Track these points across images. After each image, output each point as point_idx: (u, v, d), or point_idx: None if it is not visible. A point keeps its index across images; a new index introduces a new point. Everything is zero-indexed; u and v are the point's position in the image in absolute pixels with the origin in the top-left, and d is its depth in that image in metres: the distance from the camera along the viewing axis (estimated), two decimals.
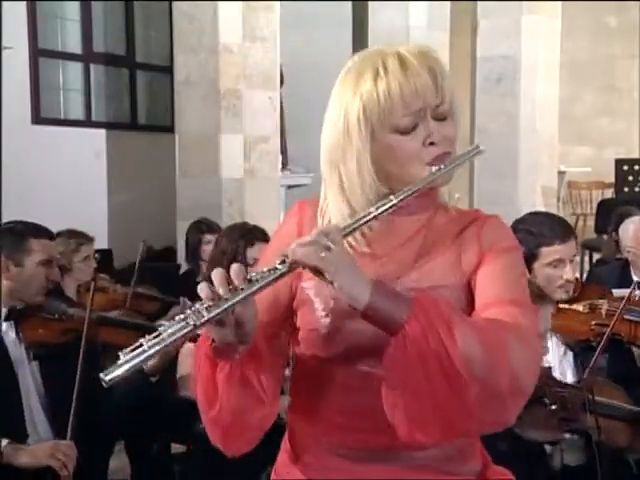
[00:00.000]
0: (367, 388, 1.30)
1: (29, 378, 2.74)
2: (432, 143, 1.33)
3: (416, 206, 1.37)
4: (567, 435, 2.30)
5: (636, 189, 7.86)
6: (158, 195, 6.76)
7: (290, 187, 6.87)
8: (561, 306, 2.69)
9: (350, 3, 8.26)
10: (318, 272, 1.19)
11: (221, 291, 1.17)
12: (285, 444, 1.47)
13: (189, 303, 3.96)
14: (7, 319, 2.76)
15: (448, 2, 7.74)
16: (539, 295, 2.11)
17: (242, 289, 1.18)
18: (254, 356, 1.30)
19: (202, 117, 5.58)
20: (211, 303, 1.16)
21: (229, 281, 1.19)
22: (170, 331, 1.13)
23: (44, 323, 2.85)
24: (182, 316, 1.15)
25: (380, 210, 1.27)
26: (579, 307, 2.69)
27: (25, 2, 6.51)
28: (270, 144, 5.69)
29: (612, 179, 8.25)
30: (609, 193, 8.85)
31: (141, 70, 7.69)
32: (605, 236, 5.33)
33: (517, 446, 2.08)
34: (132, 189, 7.19)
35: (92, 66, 7.24)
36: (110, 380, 1.10)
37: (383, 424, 1.22)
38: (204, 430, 1.42)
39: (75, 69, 7.18)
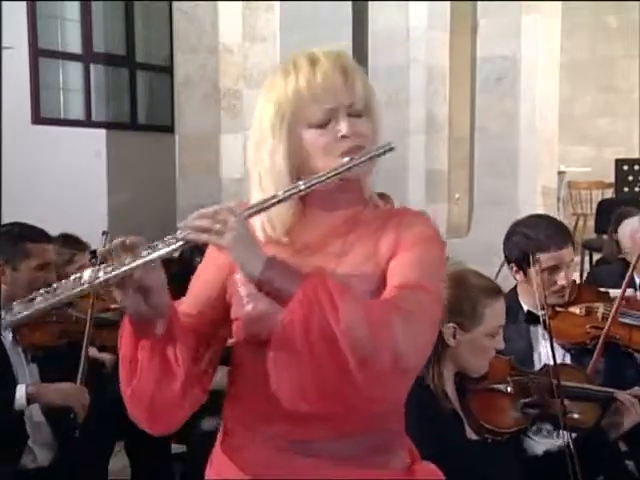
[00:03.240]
0: None
1: (28, 380, 2.74)
2: (344, 136, 1.38)
3: (343, 201, 1.44)
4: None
5: (636, 189, 7.85)
6: (158, 195, 6.77)
7: None
8: (557, 309, 2.67)
9: (350, 3, 8.25)
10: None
11: (126, 259, 1.25)
12: (219, 435, 1.50)
13: None
14: None
15: (448, 2, 7.73)
16: (498, 289, 2.12)
17: (142, 256, 1.25)
18: (173, 335, 1.37)
19: (202, 117, 5.58)
20: (109, 267, 1.24)
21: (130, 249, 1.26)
22: (64, 287, 1.22)
23: (41, 326, 2.83)
24: (78, 275, 1.23)
25: (286, 194, 1.33)
26: (575, 310, 2.68)
27: (25, 2, 6.51)
28: None
29: (612, 179, 8.24)
30: (609, 193, 8.83)
31: (141, 70, 7.69)
32: (605, 236, 5.32)
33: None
34: (132, 189, 7.19)
35: (92, 66, 7.24)
36: (6, 323, 1.21)
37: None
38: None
39: (75, 69, 7.18)
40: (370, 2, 7.76)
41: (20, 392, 2.54)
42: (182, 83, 5.71)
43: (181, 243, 1.27)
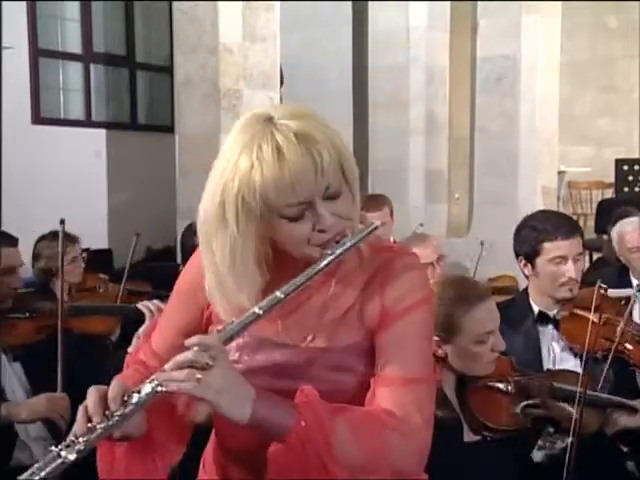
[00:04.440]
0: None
1: (13, 379, 2.72)
2: (321, 230, 1.26)
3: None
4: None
5: (636, 189, 7.86)
6: (158, 195, 6.76)
7: None
8: (576, 311, 2.60)
9: (350, 3, 8.25)
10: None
11: (95, 420, 1.18)
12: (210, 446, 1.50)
13: None
14: None
15: (448, 2, 7.74)
16: (479, 294, 2.08)
17: (118, 416, 1.18)
18: (148, 439, 1.31)
19: (202, 117, 5.57)
20: (84, 437, 1.17)
21: (105, 405, 1.19)
22: (40, 465, 1.13)
23: (16, 325, 2.82)
24: (56, 449, 1.15)
25: (265, 310, 1.22)
26: (595, 318, 2.50)
27: (25, 2, 6.51)
28: None
29: (612, 179, 8.25)
30: (609, 193, 8.84)
31: (141, 70, 7.69)
32: (605, 236, 5.32)
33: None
34: (132, 189, 7.19)
35: (92, 66, 7.24)
36: None
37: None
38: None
39: (75, 69, 7.18)
40: (370, 2, 7.76)
41: None
42: (182, 83, 5.69)
43: (155, 393, 1.18)
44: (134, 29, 7.58)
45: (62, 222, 2.92)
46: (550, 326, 2.64)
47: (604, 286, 2.48)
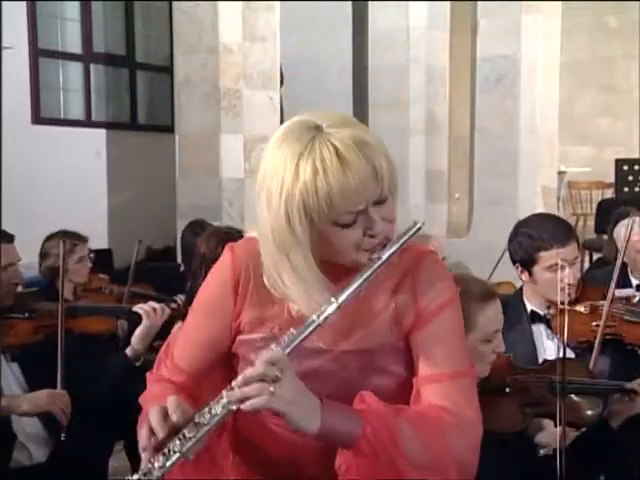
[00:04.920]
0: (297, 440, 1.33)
1: (11, 379, 2.71)
2: (372, 235, 1.29)
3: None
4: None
5: (636, 189, 7.85)
6: (158, 195, 6.76)
7: None
8: (561, 307, 2.65)
9: (350, 3, 8.25)
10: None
11: (171, 445, 1.20)
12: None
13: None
14: None
15: (448, 2, 7.74)
16: (490, 292, 2.08)
17: (191, 438, 1.20)
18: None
19: (202, 117, 5.58)
20: (160, 464, 1.19)
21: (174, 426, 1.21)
22: None
23: (14, 325, 2.82)
24: (134, 478, 1.18)
25: (323, 317, 1.25)
26: (580, 308, 2.66)
27: (25, 2, 6.51)
28: None
29: (612, 179, 8.24)
30: (609, 193, 8.83)
31: (141, 70, 7.69)
32: (605, 236, 5.32)
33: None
34: (132, 189, 7.19)
35: (92, 66, 7.24)
36: None
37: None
38: None
39: (75, 69, 7.18)
40: (370, 2, 7.76)
41: None
42: (182, 83, 5.70)
43: (228, 411, 1.21)
44: (134, 29, 7.58)
45: (64, 242, 2.95)
46: (543, 325, 2.66)
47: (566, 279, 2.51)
